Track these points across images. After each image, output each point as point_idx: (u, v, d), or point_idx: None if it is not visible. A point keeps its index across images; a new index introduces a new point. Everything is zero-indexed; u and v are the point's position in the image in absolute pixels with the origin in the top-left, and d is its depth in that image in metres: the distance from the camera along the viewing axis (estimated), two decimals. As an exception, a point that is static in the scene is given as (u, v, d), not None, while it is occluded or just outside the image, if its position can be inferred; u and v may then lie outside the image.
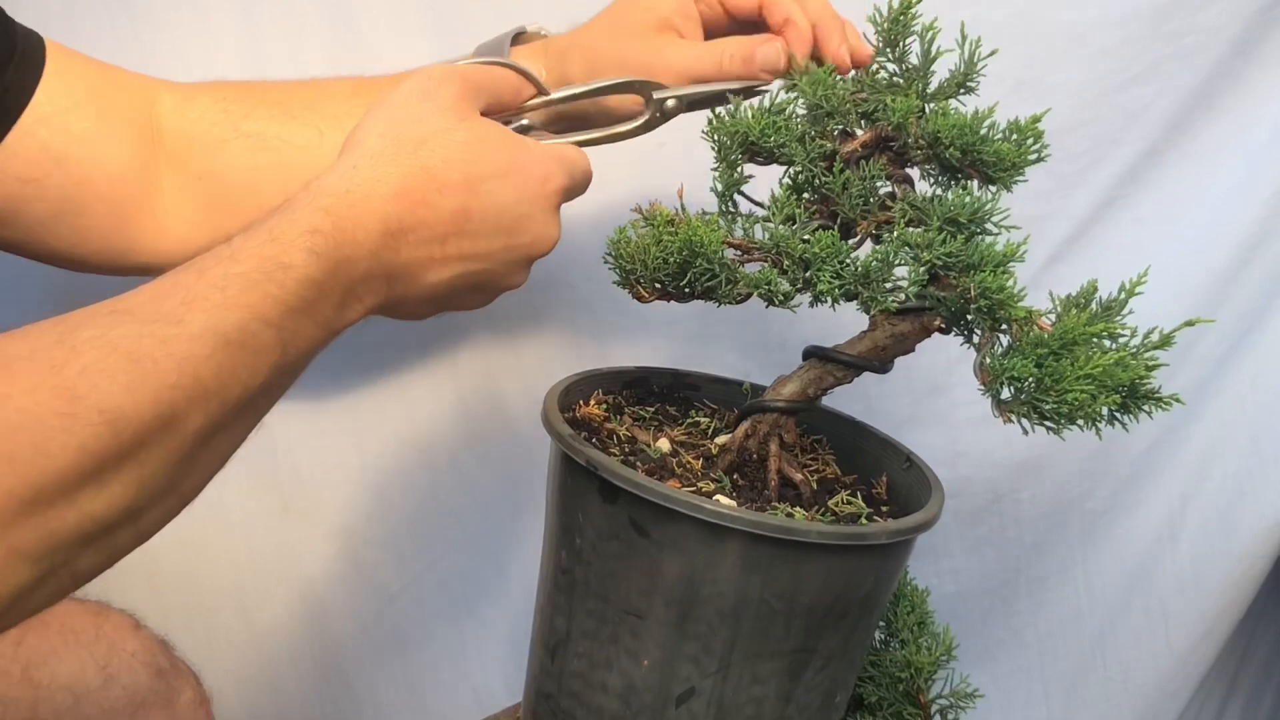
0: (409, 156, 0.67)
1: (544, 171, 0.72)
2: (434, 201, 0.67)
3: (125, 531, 0.55)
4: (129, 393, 0.53)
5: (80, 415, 0.51)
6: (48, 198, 0.83)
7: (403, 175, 0.66)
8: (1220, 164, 1.15)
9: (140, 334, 0.54)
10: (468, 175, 0.68)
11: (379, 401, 1.14)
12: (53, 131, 0.82)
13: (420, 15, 1.06)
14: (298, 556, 1.16)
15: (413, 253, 0.67)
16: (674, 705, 0.72)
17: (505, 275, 0.73)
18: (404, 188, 0.66)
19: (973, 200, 0.71)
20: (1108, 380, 0.66)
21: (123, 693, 0.85)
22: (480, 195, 0.69)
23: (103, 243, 0.86)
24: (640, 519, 0.70)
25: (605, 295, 1.13)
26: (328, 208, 0.63)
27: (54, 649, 0.84)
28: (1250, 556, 1.17)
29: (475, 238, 0.69)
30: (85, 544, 0.53)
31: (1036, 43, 1.09)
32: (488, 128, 0.71)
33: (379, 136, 0.68)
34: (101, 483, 0.52)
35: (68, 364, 0.52)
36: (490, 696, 1.19)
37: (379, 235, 0.65)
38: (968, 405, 1.12)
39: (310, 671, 1.19)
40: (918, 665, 0.83)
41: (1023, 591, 1.26)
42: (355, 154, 0.67)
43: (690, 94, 0.82)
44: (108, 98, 0.85)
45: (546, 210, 0.73)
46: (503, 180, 0.70)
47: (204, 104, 0.89)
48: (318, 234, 0.62)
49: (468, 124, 0.70)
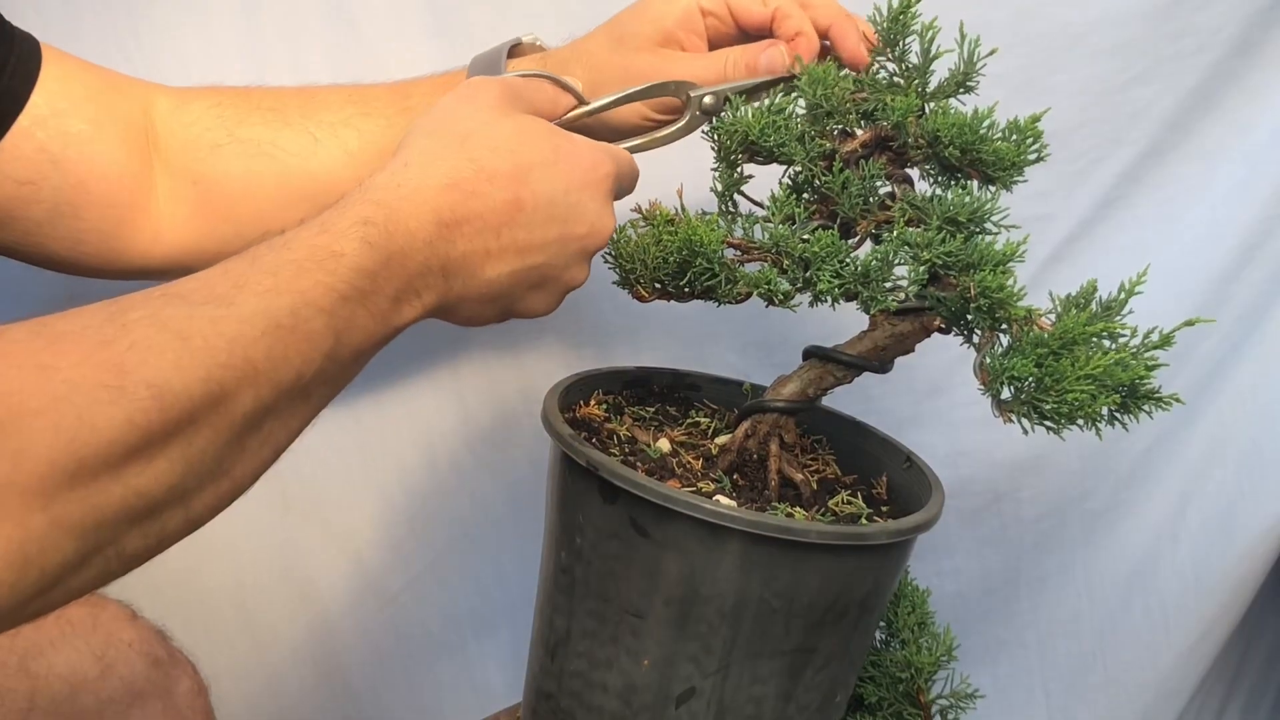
0: (456, 150, 0.68)
1: (592, 159, 0.72)
2: (485, 191, 0.67)
3: (174, 513, 0.55)
4: (178, 369, 0.53)
5: (128, 389, 0.51)
6: (44, 200, 0.83)
7: (452, 167, 0.67)
8: (1220, 164, 1.15)
9: (191, 314, 0.55)
10: (516, 164, 0.68)
11: (380, 401, 1.14)
12: (50, 134, 0.82)
13: (421, 17, 1.06)
14: (298, 556, 1.16)
15: (468, 245, 0.67)
16: (674, 705, 0.72)
17: (565, 269, 0.72)
18: (454, 179, 0.66)
19: (972, 200, 0.71)
20: (1108, 380, 0.66)
21: (120, 683, 0.85)
22: (531, 183, 0.69)
23: (99, 245, 0.86)
24: (640, 519, 0.70)
25: (605, 295, 1.12)
26: (379, 199, 0.64)
27: (51, 640, 0.84)
28: (1250, 556, 1.17)
29: (530, 228, 0.69)
30: (132, 523, 0.53)
31: (1036, 43, 1.09)
32: (530, 120, 0.72)
33: (426, 136, 0.69)
34: (148, 458, 0.52)
35: (117, 339, 0.52)
36: (490, 696, 1.19)
37: (432, 226, 0.65)
38: (968, 405, 1.12)
39: (310, 671, 1.19)
40: (918, 665, 0.83)
41: (1023, 591, 1.26)
42: (404, 154, 0.68)
43: (727, 89, 0.82)
44: (104, 100, 0.85)
45: (598, 198, 0.72)
46: (551, 168, 0.70)
47: (199, 109, 0.89)
48: (370, 224, 0.62)
49: (511, 118, 0.71)
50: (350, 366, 0.63)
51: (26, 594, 0.50)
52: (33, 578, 0.49)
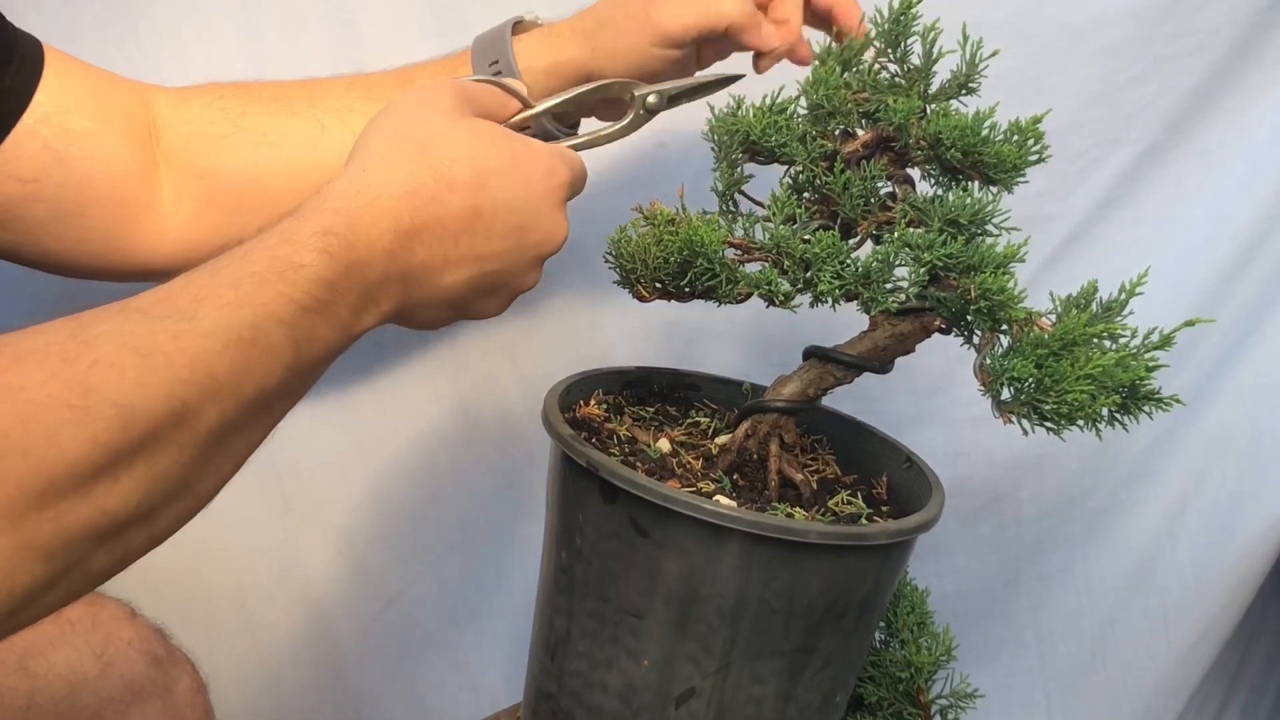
0: (416, 157, 0.67)
1: (548, 166, 0.72)
2: (444, 199, 0.67)
3: (139, 531, 0.55)
4: (141, 386, 0.53)
5: (92, 408, 0.51)
6: (48, 198, 0.82)
7: (410, 174, 0.66)
8: (1220, 164, 1.15)
9: (153, 329, 0.55)
10: (475, 171, 0.68)
11: (380, 402, 1.14)
12: (54, 131, 0.82)
13: (420, 17, 1.06)
14: (298, 556, 1.16)
15: (427, 253, 0.67)
16: (674, 705, 0.72)
17: (518, 275, 0.73)
18: (413, 187, 0.66)
19: (974, 201, 0.71)
20: (1108, 381, 0.66)
21: (120, 681, 0.85)
22: (489, 191, 0.69)
23: (103, 244, 0.86)
24: (640, 519, 0.70)
25: (605, 295, 1.13)
26: (338, 208, 0.63)
27: (50, 638, 0.84)
28: (1250, 556, 1.17)
29: (488, 236, 0.69)
30: (99, 542, 0.53)
31: (1036, 43, 1.09)
32: (486, 125, 0.72)
33: (384, 141, 0.69)
34: (114, 477, 0.52)
35: (80, 357, 0.52)
36: (490, 696, 1.19)
37: (392, 235, 0.65)
38: (968, 405, 1.12)
39: (310, 671, 1.19)
40: (918, 665, 0.83)
41: (1023, 591, 1.26)
42: (362, 158, 0.68)
43: (670, 89, 0.83)
44: (106, 98, 0.85)
45: (554, 205, 0.73)
46: (509, 175, 0.70)
47: (200, 104, 0.89)
48: (330, 234, 0.62)
49: (467, 122, 0.71)
50: (309, 377, 0.63)
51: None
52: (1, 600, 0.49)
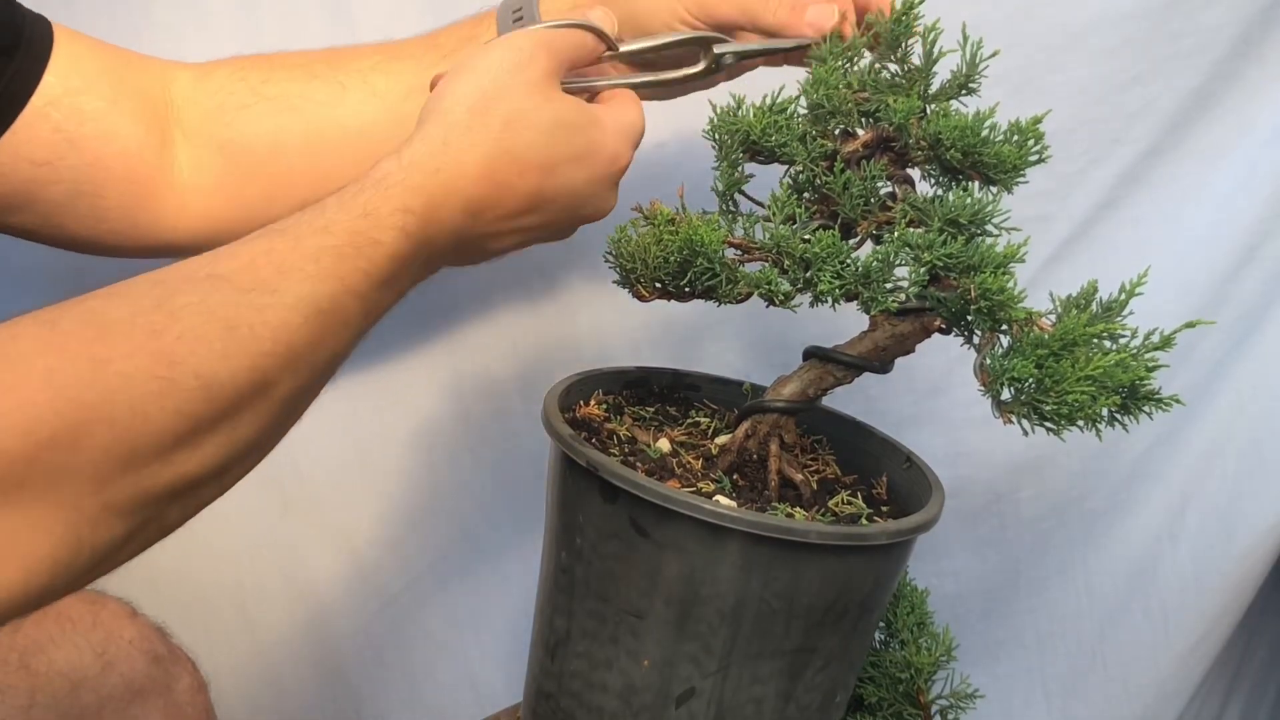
0: (496, 137, 0.69)
1: (615, 151, 0.75)
2: (514, 183, 0.69)
3: (211, 487, 0.58)
4: (225, 359, 0.55)
5: (178, 380, 0.53)
6: (63, 179, 0.83)
7: (488, 155, 0.68)
8: (1220, 164, 1.15)
9: (237, 302, 0.57)
10: (548, 158, 0.71)
11: (379, 401, 1.14)
12: (65, 113, 0.82)
13: (421, 18, 1.06)
14: (298, 556, 1.16)
15: (485, 228, 0.70)
16: (674, 705, 0.72)
17: (556, 235, 0.76)
18: (488, 169, 0.68)
19: (974, 202, 0.71)
20: (1108, 381, 0.66)
21: (120, 679, 0.86)
22: (556, 177, 0.71)
23: (122, 222, 0.86)
24: (640, 519, 0.70)
25: (605, 295, 1.13)
26: (420, 186, 0.65)
27: (51, 637, 0.85)
28: (1250, 556, 1.17)
29: (544, 214, 0.72)
30: (175, 499, 0.55)
31: (1037, 43, 1.09)
32: (569, 109, 0.73)
33: (467, 110, 0.69)
34: (195, 445, 0.54)
35: (166, 329, 0.54)
36: (490, 696, 1.19)
37: (461, 215, 0.67)
38: (968, 405, 1.12)
39: (310, 671, 1.19)
40: (918, 666, 0.83)
41: (1023, 591, 1.26)
42: (444, 125, 0.69)
43: (745, 50, 0.84)
44: (118, 76, 0.85)
45: (610, 187, 0.76)
46: (578, 164, 0.72)
47: (221, 76, 0.89)
48: (410, 214, 0.64)
49: (552, 104, 0.72)
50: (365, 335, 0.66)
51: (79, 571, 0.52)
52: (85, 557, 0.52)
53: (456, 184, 0.67)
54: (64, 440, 0.50)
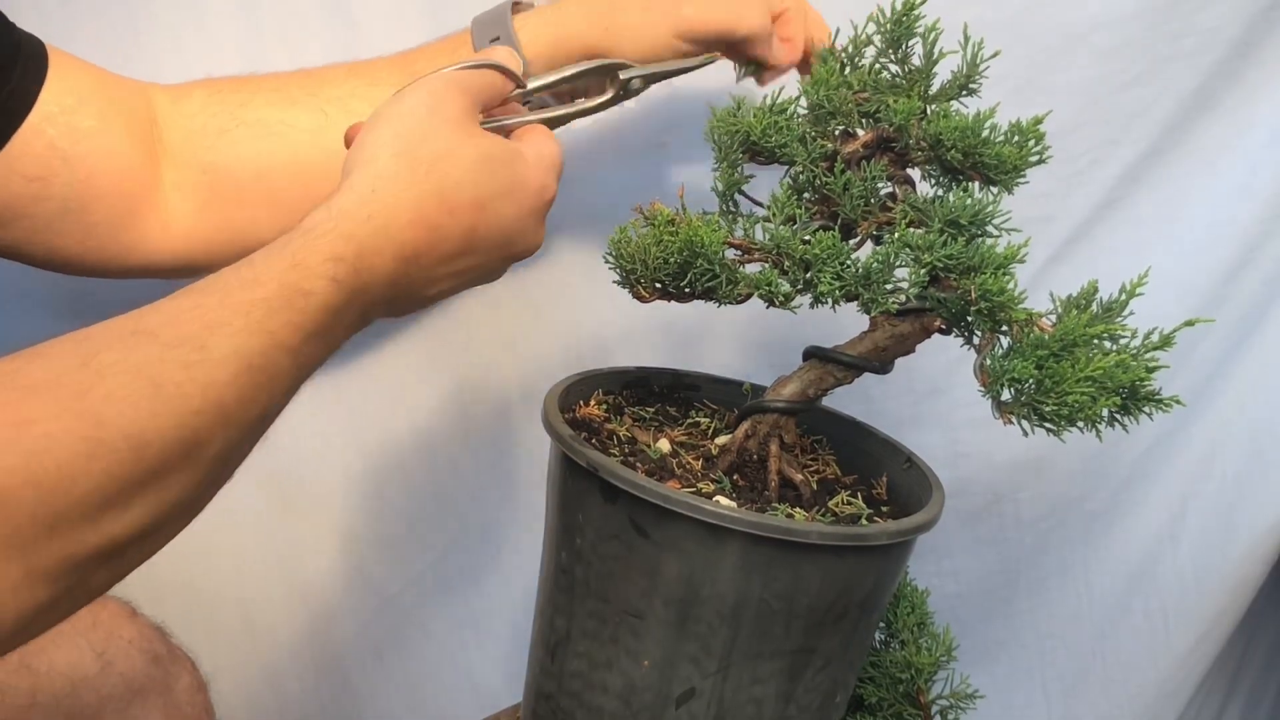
0: (423, 179, 0.68)
1: (540, 183, 0.74)
2: (446, 225, 0.68)
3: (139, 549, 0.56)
4: (153, 418, 0.53)
5: (105, 441, 0.51)
6: (54, 196, 0.83)
7: (418, 199, 0.67)
8: (1220, 164, 1.15)
9: (163, 358, 0.55)
10: (477, 196, 0.70)
11: (379, 401, 1.14)
12: (59, 130, 0.82)
13: (421, 19, 1.06)
14: (298, 556, 1.16)
15: (420, 274, 0.69)
16: (674, 705, 0.72)
17: (489, 275, 0.75)
18: (419, 214, 0.67)
19: (974, 202, 0.71)
20: (1108, 382, 0.66)
21: (120, 679, 0.86)
22: (487, 215, 0.70)
23: (108, 240, 0.86)
24: (640, 519, 0.70)
25: (605, 295, 1.12)
26: (350, 234, 0.64)
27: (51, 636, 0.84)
28: (1250, 556, 1.17)
29: (477, 254, 0.71)
30: (101, 563, 0.54)
31: (1036, 43, 1.09)
32: (492, 145, 0.72)
33: (392, 156, 0.68)
34: (124, 507, 0.53)
35: (92, 389, 0.52)
36: (490, 696, 1.19)
37: (394, 262, 0.66)
38: (968, 406, 1.12)
39: (310, 671, 1.19)
40: (918, 666, 0.83)
41: (1023, 591, 1.26)
42: (369, 173, 0.67)
43: (651, 72, 0.86)
44: (108, 96, 0.86)
45: (539, 220, 0.75)
46: (507, 199, 0.71)
47: (199, 99, 0.89)
48: (341, 262, 0.62)
49: (474, 141, 0.71)
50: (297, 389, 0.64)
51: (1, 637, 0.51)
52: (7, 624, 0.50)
53: (388, 230, 0.65)
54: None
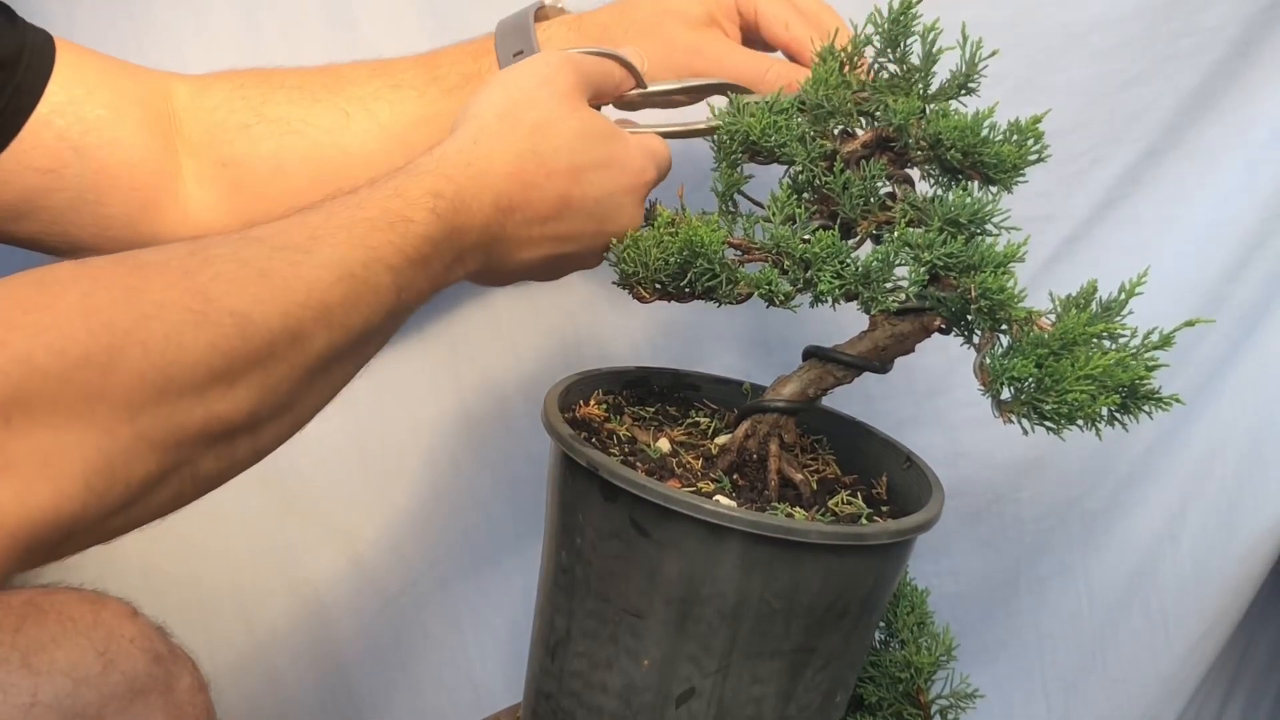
0: (524, 139, 0.71)
1: (640, 165, 0.76)
2: (541, 185, 0.71)
3: (245, 441, 0.58)
4: (258, 302, 0.56)
5: (211, 315, 0.54)
6: (68, 187, 0.83)
7: (517, 155, 0.71)
8: (1220, 164, 1.15)
9: (270, 255, 0.58)
10: (574, 164, 0.72)
11: (380, 401, 1.14)
12: (69, 121, 0.83)
13: (421, 19, 1.06)
14: (298, 556, 1.16)
15: (515, 230, 0.71)
16: (674, 705, 0.72)
17: (586, 257, 0.77)
18: (517, 168, 0.70)
19: (973, 201, 0.71)
20: (1108, 381, 0.66)
21: (121, 678, 0.85)
22: (582, 183, 0.73)
23: (125, 230, 0.87)
24: (640, 519, 0.70)
25: (605, 295, 1.13)
26: (450, 175, 0.67)
27: (52, 636, 0.84)
28: (1250, 556, 1.16)
29: (571, 222, 0.74)
30: (209, 445, 0.55)
31: (1036, 43, 1.09)
32: (595, 120, 0.75)
33: (497, 116, 0.72)
34: (229, 383, 0.55)
35: (200, 270, 0.55)
36: (490, 696, 1.19)
37: (491, 209, 0.69)
38: (968, 405, 1.12)
39: (310, 671, 1.19)
40: (918, 665, 0.83)
41: (1023, 591, 1.26)
42: (474, 127, 0.71)
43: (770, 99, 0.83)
44: (121, 86, 0.86)
45: (636, 202, 0.77)
46: (603, 171, 0.74)
47: (221, 93, 0.90)
48: (440, 198, 0.66)
49: (578, 114, 0.74)
50: (399, 322, 0.67)
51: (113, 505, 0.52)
52: (118, 489, 0.52)
53: (486, 177, 0.69)
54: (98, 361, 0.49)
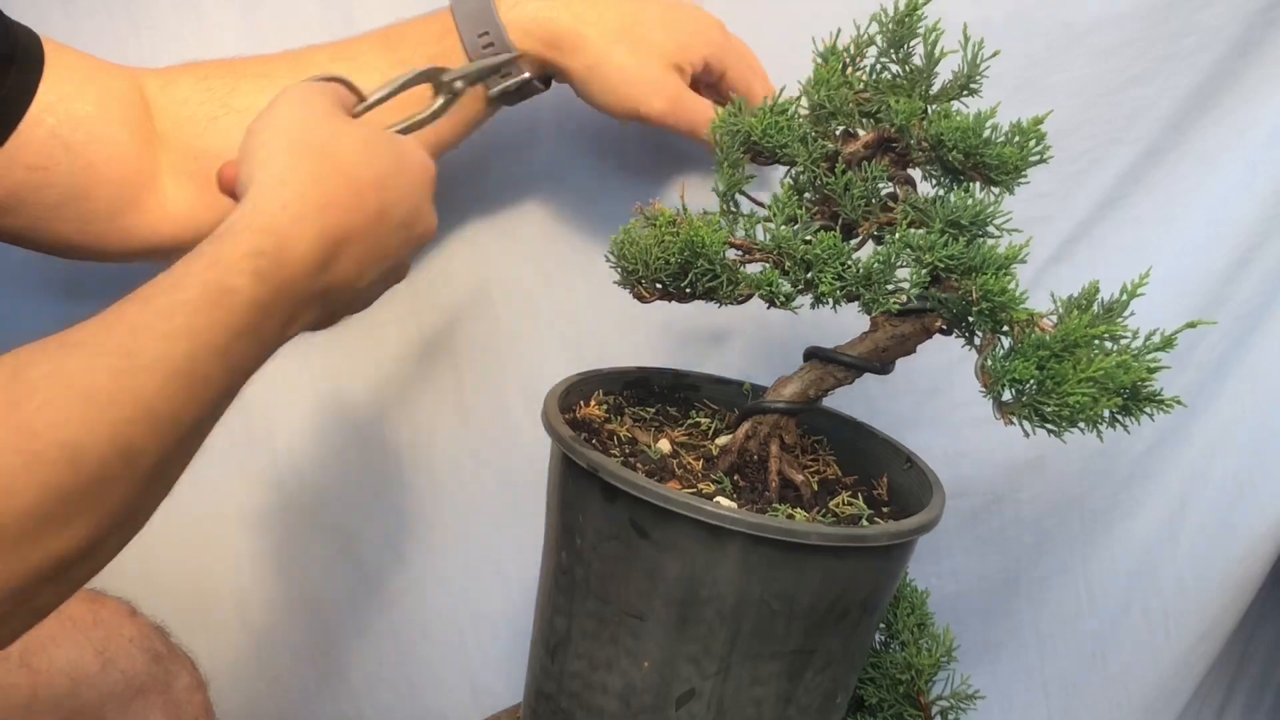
0: (324, 164, 0.67)
1: (422, 162, 0.74)
2: (357, 205, 0.67)
3: (83, 566, 0.55)
4: (87, 428, 0.52)
5: (41, 452, 0.51)
6: (55, 184, 0.83)
7: (327, 184, 0.66)
8: (1220, 164, 1.15)
9: (93, 366, 0.54)
10: (375, 174, 0.69)
11: (379, 401, 1.14)
12: (59, 118, 0.83)
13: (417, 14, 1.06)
14: (298, 556, 1.16)
15: (347, 261, 0.67)
16: (674, 706, 0.72)
17: (404, 265, 0.75)
18: (330, 196, 0.66)
19: (975, 203, 0.71)
20: (1109, 382, 0.66)
21: (120, 677, 0.86)
22: (388, 191, 0.70)
23: (108, 225, 0.87)
24: (640, 520, 0.70)
25: (605, 295, 1.12)
26: (268, 227, 0.63)
27: (51, 635, 0.85)
28: (1250, 557, 1.16)
29: (392, 234, 0.70)
30: (45, 582, 0.53)
31: (1036, 43, 1.09)
32: (368, 128, 0.72)
33: (286, 151, 0.67)
34: (65, 521, 0.52)
35: (24, 400, 0.52)
36: (490, 696, 1.19)
37: (319, 249, 0.65)
38: (969, 406, 1.11)
39: (310, 671, 1.19)
40: (918, 666, 0.83)
41: (1023, 591, 1.26)
42: (272, 170, 0.66)
43: (469, 72, 0.87)
44: (102, 83, 0.86)
45: (429, 199, 0.74)
46: (400, 175, 0.71)
47: (187, 85, 0.90)
48: (262, 256, 0.61)
49: (353, 126, 0.71)
50: (236, 394, 0.63)
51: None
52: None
53: (305, 215, 0.64)
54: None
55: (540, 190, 1.12)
